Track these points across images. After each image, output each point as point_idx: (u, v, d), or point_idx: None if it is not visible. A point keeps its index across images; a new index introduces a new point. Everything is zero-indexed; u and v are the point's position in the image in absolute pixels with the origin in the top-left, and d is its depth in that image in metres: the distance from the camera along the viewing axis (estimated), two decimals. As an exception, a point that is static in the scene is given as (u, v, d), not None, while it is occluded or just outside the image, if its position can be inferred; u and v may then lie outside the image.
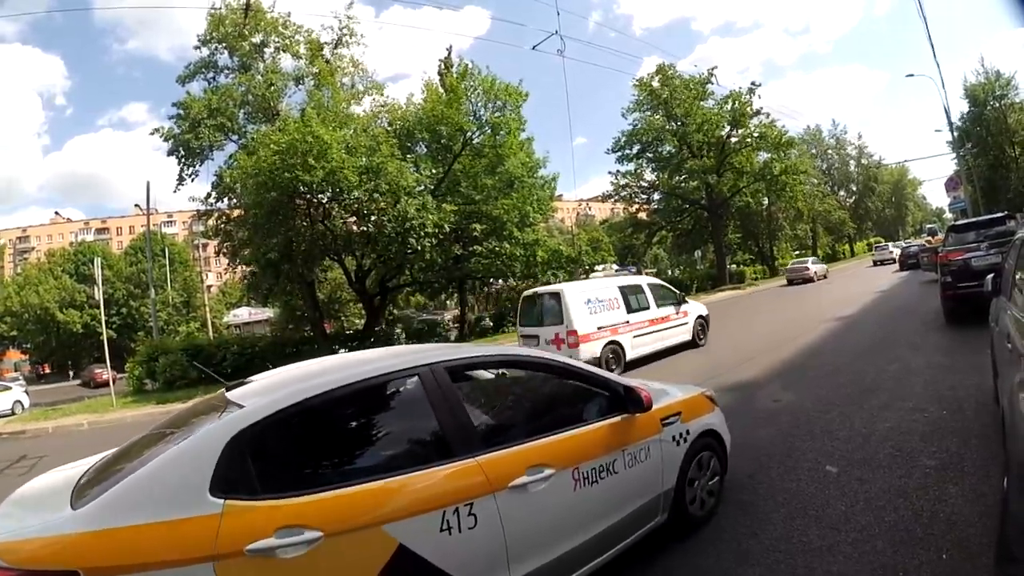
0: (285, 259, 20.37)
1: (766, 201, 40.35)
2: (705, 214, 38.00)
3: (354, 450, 2.65)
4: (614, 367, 9.59)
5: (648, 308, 11.02)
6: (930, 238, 32.42)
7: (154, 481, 2.03)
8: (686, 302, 12.13)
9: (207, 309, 43.68)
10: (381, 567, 2.18)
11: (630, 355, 10.39)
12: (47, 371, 51.28)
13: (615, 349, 10.14)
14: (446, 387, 2.70)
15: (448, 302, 30.90)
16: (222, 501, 2.00)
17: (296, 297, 25.09)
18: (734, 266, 41.61)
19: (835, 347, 9.59)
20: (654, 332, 10.99)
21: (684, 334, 11.71)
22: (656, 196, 38.97)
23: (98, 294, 18.17)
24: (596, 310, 10.11)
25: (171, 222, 66.95)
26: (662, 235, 41.24)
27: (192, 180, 22.60)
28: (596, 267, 28.17)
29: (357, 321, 28.71)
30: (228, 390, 2.72)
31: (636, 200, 38.88)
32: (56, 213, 75.92)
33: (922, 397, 5.59)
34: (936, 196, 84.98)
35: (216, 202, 23.15)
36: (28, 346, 50.68)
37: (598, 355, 9.66)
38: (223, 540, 1.93)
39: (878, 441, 4.60)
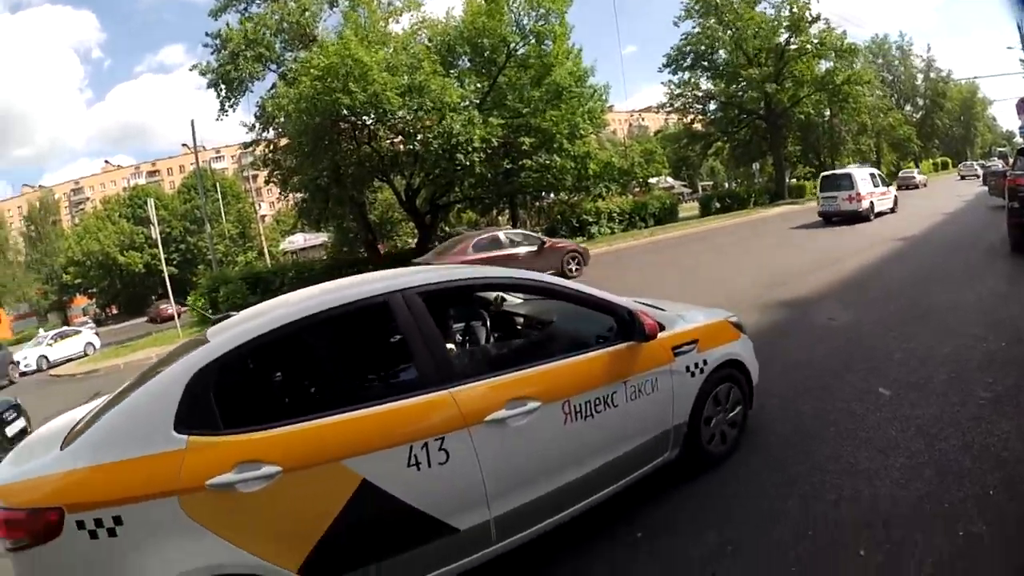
0: (334, 183, 20.44)
1: (828, 113, 37.76)
2: (763, 125, 35.72)
3: (316, 384, 2.73)
4: (871, 215, 17.38)
5: (879, 187, 18.89)
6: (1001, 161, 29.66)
7: (125, 419, 2.14)
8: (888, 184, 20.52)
9: (262, 238, 44.63)
10: (344, 502, 2.17)
11: (877, 209, 17.94)
12: (114, 312, 54.19)
13: (872, 202, 17.72)
14: (419, 314, 2.52)
15: (500, 218, 30.54)
16: (185, 437, 2.06)
17: (348, 220, 25.43)
18: (794, 180, 39.51)
19: (897, 268, 9.26)
20: (883, 199, 18.86)
21: (889, 202, 19.28)
22: (712, 106, 36.80)
23: (154, 233, 18.77)
24: (865, 183, 17.96)
25: (219, 158, 68.09)
26: (718, 147, 39.46)
27: (233, 111, 22.66)
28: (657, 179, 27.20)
29: (410, 241, 28.85)
30: (212, 325, 2.75)
31: (691, 110, 36.71)
32: (106, 162, 78.23)
33: (981, 326, 5.27)
34: (1007, 118, 77.68)
35: (262, 132, 23.17)
36: (94, 291, 53.32)
37: (867, 207, 17.34)
38: (186, 475, 2.01)
39: (934, 367, 4.39)
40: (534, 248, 13.70)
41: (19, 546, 1.93)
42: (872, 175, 19.02)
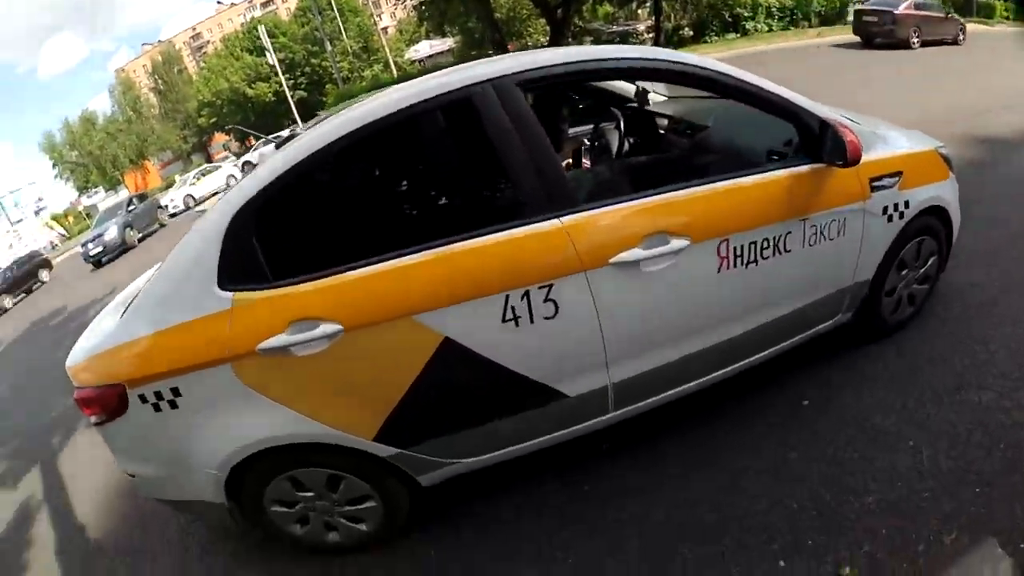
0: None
1: None
2: None
3: (380, 218, 2.15)
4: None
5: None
6: None
7: (167, 282, 1.87)
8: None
9: (386, 50, 44.75)
10: (422, 365, 1.83)
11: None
12: (252, 143, 58.09)
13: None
14: (518, 112, 1.88)
15: (639, 11, 28.18)
16: (230, 295, 1.79)
17: (472, 19, 24.42)
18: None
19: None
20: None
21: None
22: None
23: (272, 59, 18.92)
24: None
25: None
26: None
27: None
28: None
29: (542, 39, 27.64)
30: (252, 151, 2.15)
31: None
32: (218, 2, 78.95)
33: None
34: None
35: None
36: (229, 127, 56.76)
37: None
38: (234, 340, 1.77)
39: None
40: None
41: (100, 421, 1.91)
42: None
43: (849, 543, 1.81)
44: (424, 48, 40.41)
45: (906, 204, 2.37)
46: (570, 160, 3.33)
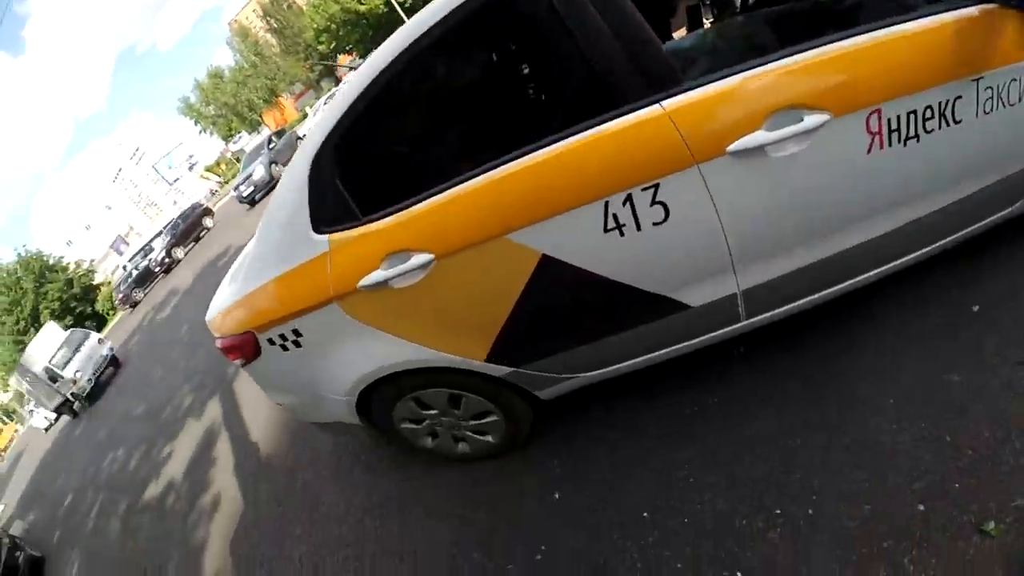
0: None
1: None
2: None
3: (457, 134, 2.02)
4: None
5: None
6: None
7: (270, 231, 1.94)
8: None
9: None
10: (523, 285, 1.73)
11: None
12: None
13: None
14: None
15: None
16: (326, 237, 1.82)
17: None
18: None
19: None
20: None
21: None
22: None
23: None
24: None
25: None
26: None
27: None
28: None
29: None
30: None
31: None
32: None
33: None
34: None
35: None
36: (350, 47, 58.02)
37: None
38: (335, 280, 1.82)
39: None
40: None
41: (243, 364, 2.10)
42: None
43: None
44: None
45: None
46: (685, 22, 2.91)
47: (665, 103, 1.51)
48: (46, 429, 13.27)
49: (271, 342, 1.98)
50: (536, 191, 1.61)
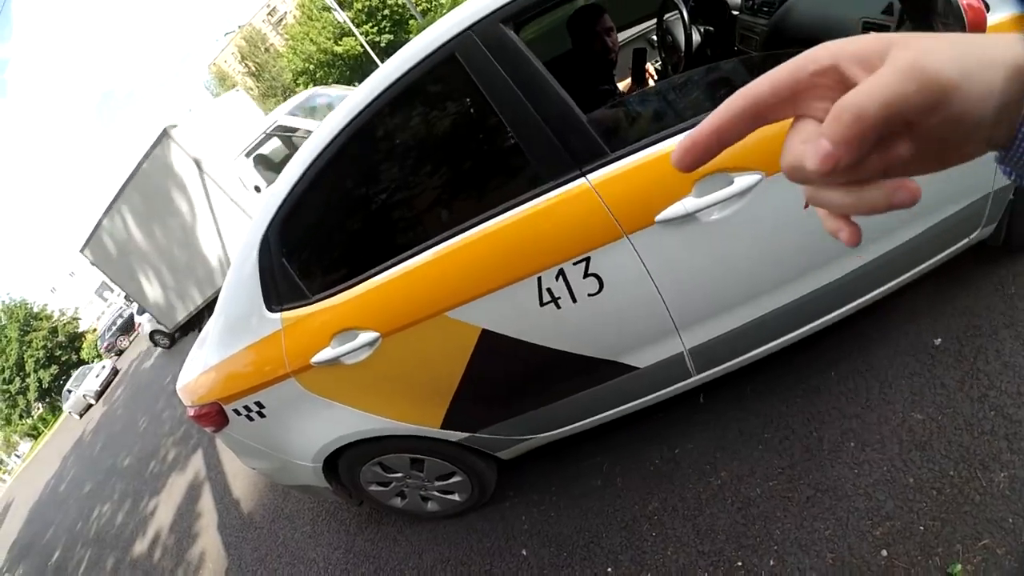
0: None
1: None
2: None
3: (393, 215, 1.86)
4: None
5: None
6: None
7: (227, 306, 1.97)
8: None
9: None
10: (467, 358, 1.76)
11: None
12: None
13: None
14: (507, 56, 1.52)
15: None
16: (279, 315, 1.86)
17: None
18: None
19: None
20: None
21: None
22: None
23: (340, 16, 18.85)
24: None
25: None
26: None
27: None
28: None
29: None
30: None
31: None
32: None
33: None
34: None
35: None
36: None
37: None
38: (290, 357, 1.86)
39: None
40: None
41: (213, 431, 2.13)
42: None
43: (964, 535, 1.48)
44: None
45: None
46: (629, 80, 2.90)
47: (590, 176, 1.50)
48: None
49: (237, 412, 2.03)
50: (470, 269, 1.62)
